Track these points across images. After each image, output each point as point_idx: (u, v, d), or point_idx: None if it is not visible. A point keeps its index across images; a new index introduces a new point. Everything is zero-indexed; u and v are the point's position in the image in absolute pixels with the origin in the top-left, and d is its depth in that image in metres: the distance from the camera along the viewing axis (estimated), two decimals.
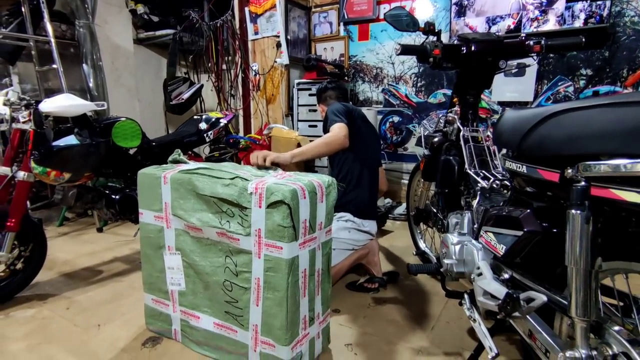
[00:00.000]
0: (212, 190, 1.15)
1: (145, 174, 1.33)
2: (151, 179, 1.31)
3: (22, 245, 1.67)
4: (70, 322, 1.53)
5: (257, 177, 1.15)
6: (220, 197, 1.14)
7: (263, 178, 1.14)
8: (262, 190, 1.07)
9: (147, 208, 1.34)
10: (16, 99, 1.65)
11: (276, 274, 1.09)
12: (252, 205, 1.08)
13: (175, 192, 1.25)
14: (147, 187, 1.32)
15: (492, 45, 1.42)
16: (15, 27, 2.65)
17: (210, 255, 1.23)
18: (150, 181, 1.31)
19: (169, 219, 1.30)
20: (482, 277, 1.08)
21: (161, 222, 1.32)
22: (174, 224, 1.29)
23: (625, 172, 0.59)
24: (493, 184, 1.25)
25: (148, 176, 1.32)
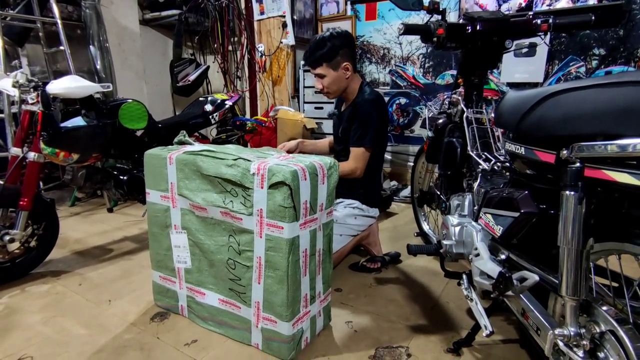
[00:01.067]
0: (216, 170, 1.18)
1: (151, 154, 1.36)
2: (157, 160, 1.34)
3: (35, 224, 1.73)
4: (83, 297, 1.60)
5: (260, 158, 1.17)
6: (224, 177, 1.16)
7: (265, 159, 1.16)
8: (264, 171, 1.09)
9: (153, 188, 1.38)
10: (24, 81, 1.67)
11: (277, 253, 1.11)
12: (255, 185, 1.10)
13: (180, 172, 1.28)
14: (153, 168, 1.35)
15: (497, 24, 1.39)
16: (22, 8, 2.66)
17: (215, 234, 1.27)
18: (156, 162, 1.34)
19: (174, 199, 1.33)
20: (479, 257, 1.09)
21: (167, 201, 1.35)
22: (179, 203, 1.32)
23: (617, 152, 0.59)
24: (494, 166, 1.25)
25: (154, 157, 1.35)
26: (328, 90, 1.71)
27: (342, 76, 1.69)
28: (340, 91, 1.74)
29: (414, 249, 1.35)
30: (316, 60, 1.65)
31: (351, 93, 1.76)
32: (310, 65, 1.69)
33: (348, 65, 1.68)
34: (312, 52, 1.65)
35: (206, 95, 2.51)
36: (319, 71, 1.67)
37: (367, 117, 1.65)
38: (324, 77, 1.67)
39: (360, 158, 1.66)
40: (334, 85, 1.70)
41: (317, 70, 1.67)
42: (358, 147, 1.66)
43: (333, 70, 1.67)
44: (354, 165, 1.66)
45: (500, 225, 1.01)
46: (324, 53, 1.63)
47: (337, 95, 1.77)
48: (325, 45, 1.62)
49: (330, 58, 1.64)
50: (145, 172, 1.38)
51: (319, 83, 1.70)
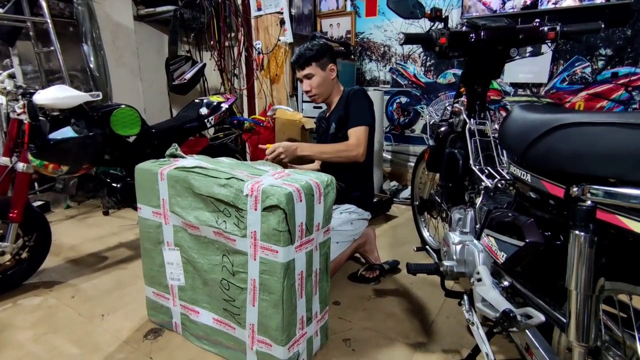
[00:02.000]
0: (209, 190, 1.13)
1: (142, 169, 1.31)
2: (148, 175, 1.29)
3: (26, 235, 1.69)
4: (76, 311, 1.57)
5: (254, 176, 1.12)
6: (216, 197, 1.12)
7: (260, 178, 1.11)
8: (258, 192, 1.04)
9: (145, 203, 1.33)
10: (12, 88, 1.62)
11: (271, 277, 1.08)
12: (248, 207, 1.06)
13: (172, 189, 1.24)
14: (144, 183, 1.31)
15: (503, 32, 1.33)
16: (12, 6, 2.58)
17: (208, 253, 1.23)
18: (147, 177, 1.29)
19: (167, 215, 1.29)
20: (481, 283, 1.05)
21: (159, 218, 1.31)
22: (172, 220, 1.28)
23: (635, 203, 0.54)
24: (498, 184, 1.20)
25: (145, 172, 1.30)
26: (316, 91, 1.74)
27: (329, 77, 1.74)
28: (327, 94, 1.78)
29: (413, 268, 1.31)
30: (305, 60, 1.70)
31: (335, 96, 1.80)
32: (300, 65, 1.72)
33: (333, 67, 1.76)
34: (301, 54, 1.72)
35: (202, 97, 2.45)
36: (308, 70, 1.70)
37: (361, 100, 1.69)
38: (312, 77, 1.71)
39: (362, 136, 1.62)
40: (321, 87, 1.73)
41: (306, 69, 1.71)
42: (357, 126, 1.64)
43: (321, 69, 1.72)
44: (357, 141, 1.61)
45: (504, 252, 0.97)
46: (313, 53, 1.70)
47: (324, 98, 1.79)
48: (313, 48, 1.71)
49: (318, 58, 1.71)
50: (137, 187, 1.33)
51: (307, 85, 1.73)
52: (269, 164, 1.36)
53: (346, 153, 1.59)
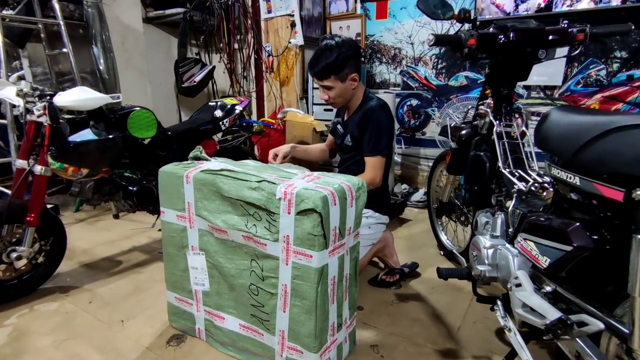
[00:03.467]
0: (238, 193, 1.11)
1: (167, 172, 1.29)
2: (172, 178, 1.27)
3: (43, 239, 1.66)
4: (94, 317, 1.54)
5: (283, 179, 1.10)
6: (247, 200, 1.10)
7: (291, 181, 1.09)
8: (292, 196, 1.02)
9: (169, 207, 1.31)
10: (29, 90, 1.59)
11: (305, 282, 1.05)
12: (281, 211, 1.04)
13: (198, 192, 1.21)
14: (168, 186, 1.29)
15: (532, 34, 1.32)
16: (23, 8, 2.56)
17: (236, 258, 1.20)
18: (172, 180, 1.27)
19: (192, 219, 1.26)
20: (521, 288, 1.03)
21: (184, 221, 1.28)
22: (197, 224, 1.26)
23: None
24: (531, 187, 1.18)
25: (169, 175, 1.28)
26: (334, 101, 1.66)
27: (349, 87, 1.63)
28: (346, 102, 1.69)
29: (444, 272, 1.29)
30: (324, 72, 1.57)
31: (355, 101, 1.71)
32: (317, 77, 1.60)
33: (356, 76, 1.62)
34: (319, 63, 1.56)
35: (215, 99, 2.43)
36: (326, 83, 1.60)
37: (379, 124, 1.62)
38: (331, 88, 1.60)
39: (378, 166, 1.62)
40: (340, 98, 1.65)
41: (325, 82, 1.60)
42: (374, 155, 1.61)
43: (341, 82, 1.59)
44: (373, 174, 1.61)
45: (547, 256, 0.95)
46: (332, 65, 1.54)
47: (342, 105, 1.72)
48: (331, 55, 1.54)
49: (339, 70, 1.56)
50: (160, 190, 1.31)
51: (325, 94, 1.64)
52: (295, 166, 1.34)
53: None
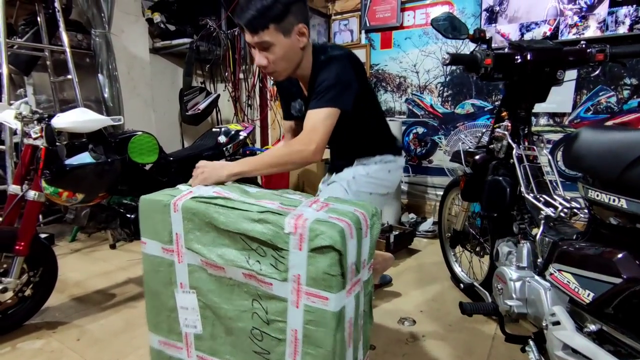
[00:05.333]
0: (237, 225, 0.95)
1: (149, 200, 1.10)
2: (157, 206, 1.08)
3: (32, 270, 1.55)
4: (81, 356, 1.40)
5: (290, 209, 0.98)
6: (248, 234, 0.95)
7: (298, 210, 0.98)
8: (304, 229, 0.89)
9: (152, 238, 1.08)
10: (28, 113, 1.54)
11: (319, 328, 0.92)
12: (291, 247, 0.91)
13: (189, 222, 1.02)
14: (150, 214, 1.07)
15: (550, 54, 1.27)
16: (30, 36, 2.58)
17: (234, 298, 1.04)
18: (156, 208, 1.06)
19: (180, 253, 1.05)
20: (559, 327, 0.91)
21: (171, 255, 1.07)
22: (186, 258, 1.05)
23: None
24: (561, 213, 1.09)
25: (153, 202, 1.09)
26: (275, 68, 1.13)
27: (296, 45, 1.13)
28: (292, 69, 1.17)
29: (468, 308, 1.17)
30: (258, 21, 1.06)
31: (306, 66, 1.21)
32: (250, 28, 1.07)
33: (304, 29, 1.13)
34: (250, 7, 1.06)
35: (219, 126, 2.38)
36: (264, 38, 1.07)
37: (329, 72, 1.12)
38: (271, 46, 1.09)
39: (318, 124, 1.08)
40: (283, 61, 1.12)
41: (262, 36, 1.07)
42: (316, 107, 1.10)
43: (284, 35, 1.09)
44: (307, 137, 1.08)
45: (590, 290, 0.84)
46: (270, 9, 1.05)
47: (286, 75, 1.18)
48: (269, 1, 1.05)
49: (280, 17, 1.07)
50: (141, 219, 1.10)
51: (262, 57, 1.11)
52: (298, 192, 1.19)
53: (296, 156, 1.08)
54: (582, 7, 2.39)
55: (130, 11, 3.14)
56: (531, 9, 2.55)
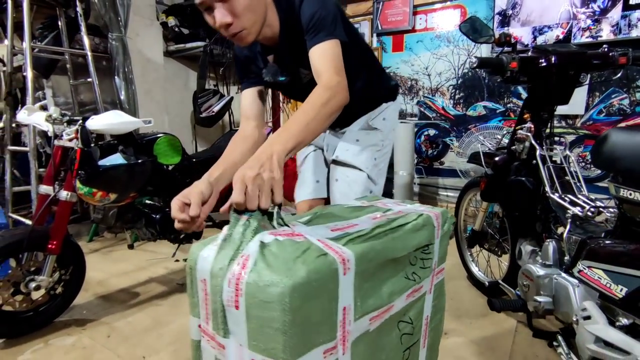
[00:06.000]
0: (406, 244, 0.80)
1: (310, 276, 0.58)
2: (323, 279, 0.60)
3: (62, 268, 1.59)
4: (114, 352, 1.44)
5: (400, 205, 0.95)
6: (415, 248, 0.83)
7: (410, 205, 0.95)
8: (439, 216, 0.90)
9: (307, 349, 0.61)
10: (58, 115, 1.58)
11: (441, 296, 0.96)
12: (435, 237, 0.89)
13: (359, 278, 0.68)
14: (311, 304, 0.59)
15: (574, 57, 1.31)
16: (50, 40, 2.63)
17: (385, 340, 0.81)
18: (322, 285, 0.60)
19: (346, 338, 0.68)
20: (591, 321, 0.94)
21: (334, 354, 0.66)
22: (351, 338, 0.69)
23: None
24: (588, 212, 1.12)
25: (317, 276, 0.58)
26: (242, 23, 0.91)
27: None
28: (260, 24, 0.97)
29: (498, 305, 1.20)
30: None
31: (273, 22, 1.02)
32: None
33: None
34: None
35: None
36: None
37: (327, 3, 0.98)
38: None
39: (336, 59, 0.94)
40: (250, 12, 0.91)
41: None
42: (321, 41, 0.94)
43: None
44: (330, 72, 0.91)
45: (623, 285, 0.87)
46: None
47: (256, 32, 0.96)
48: None
49: None
50: (290, 326, 0.57)
51: (224, 12, 0.88)
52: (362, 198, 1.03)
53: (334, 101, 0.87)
54: (595, 10, 2.43)
55: (145, 15, 3.19)
56: (544, 12, 2.59)
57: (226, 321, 0.63)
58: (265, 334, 0.59)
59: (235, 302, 0.60)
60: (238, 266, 0.60)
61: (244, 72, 1.15)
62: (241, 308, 0.59)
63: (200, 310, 0.68)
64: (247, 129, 1.11)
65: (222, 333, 0.64)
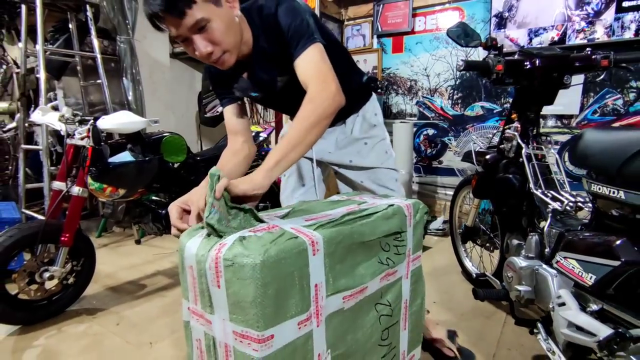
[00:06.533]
0: (375, 229, 0.88)
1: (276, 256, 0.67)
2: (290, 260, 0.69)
3: (74, 260, 1.69)
4: (123, 338, 1.53)
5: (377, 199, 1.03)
6: (386, 234, 0.90)
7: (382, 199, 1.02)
8: (410, 208, 0.98)
9: (280, 320, 0.69)
10: (70, 115, 1.68)
11: (419, 280, 1.04)
12: (407, 226, 0.97)
13: (330, 258, 0.77)
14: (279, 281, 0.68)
15: (558, 60, 1.37)
16: (62, 43, 2.74)
17: (364, 319, 0.89)
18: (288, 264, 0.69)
19: (320, 312, 0.77)
20: (565, 307, 1.01)
21: (307, 326, 0.75)
22: (325, 312, 0.78)
23: None
24: (567, 206, 1.19)
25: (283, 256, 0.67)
26: (224, 46, 0.93)
27: (231, 14, 0.95)
28: (239, 44, 0.98)
29: (482, 294, 1.27)
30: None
31: (247, 39, 1.02)
32: (173, 10, 0.85)
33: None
34: None
35: None
36: (196, 15, 0.86)
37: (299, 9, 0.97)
38: (208, 23, 0.88)
39: (321, 65, 0.94)
40: (229, 36, 0.93)
41: (192, 14, 0.86)
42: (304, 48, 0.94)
43: (215, 5, 0.90)
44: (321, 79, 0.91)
45: (592, 273, 0.94)
46: None
47: (236, 55, 0.97)
48: None
49: None
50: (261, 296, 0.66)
51: (204, 42, 0.90)
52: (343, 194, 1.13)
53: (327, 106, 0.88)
54: (589, 12, 2.48)
55: None
56: (539, 14, 2.64)
57: (211, 300, 0.72)
58: (241, 308, 0.67)
59: (217, 281, 0.69)
60: (214, 251, 0.69)
61: (221, 89, 1.16)
62: (222, 287, 0.69)
63: (189, 293, 0.77)
64: (236, 145, 1.14)
65: (209, 310, 0.74)
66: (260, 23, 1.02)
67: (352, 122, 1.30)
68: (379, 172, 1.30)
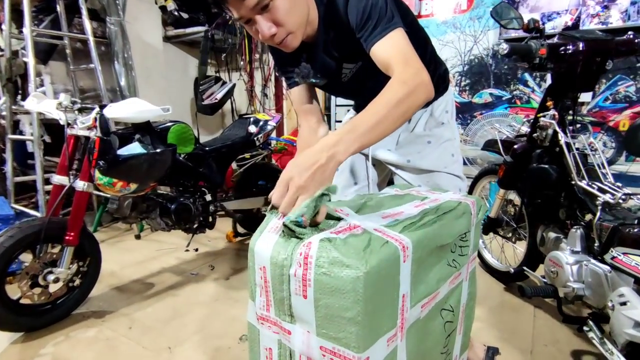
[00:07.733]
0: (452, 231, 0.80)
1: (378, 266, 0.57)
2: (388, 269, 0.60)
3: (80, 260, 1.56)
4: (138, 344, 1.43)
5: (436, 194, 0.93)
6: (458, 235, 0.83)
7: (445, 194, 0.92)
8: (475, 204, 0.89)
9: (375, 339, 0.61)
10: (69, 103, 1.53)
11: (473, 283, 0.96)
12: (471, 225, 0.88)
13: (415, 264, 0.68)
14: (378, 294, 0.59)
15: (602, 44, 1.30)
16: (48, 24, 2.53)
17: (431, 327, 0.80)
18: (387, 273, 0.61)
19: (404, 324, 0.68)
20: (628, 306, 0.96)
21: (395, 341, 0.66)
22: (406, 325, 0.69)
23: None
24: (620, 199, 1.13)
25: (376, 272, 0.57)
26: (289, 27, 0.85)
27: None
28: (305, 24, 0.90)
29: (529, 291, 1.21)
30: None
31: (313, 19, 0.94)
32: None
33: None
34: None
35: (248, 115, 2.38)
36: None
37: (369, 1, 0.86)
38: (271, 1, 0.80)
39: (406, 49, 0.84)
40: (294, 15, 0.85)
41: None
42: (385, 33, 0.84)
43: None
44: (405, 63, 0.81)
45: None
46: None
47: (302, 33, 0.90)
48: None
49: None
50: (363, 313, 0.57)
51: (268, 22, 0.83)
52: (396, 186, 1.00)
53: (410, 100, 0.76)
54: None
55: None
56: None
57: (292, 309, 0.63)
58: (335, 323, 0.59)
59: (304, 290, 0.60)
60: (299, 255, 0.60)
61: (284, 71, 1.10)
62: (309, 297, 0.60)
63: (257, 295, 0.68)
64: (311, 124, 1.12)
65: (288, 320, 0.65)
66: (327, 1, 0.92)
67: (418, 117, 1.13)
68: (440, 177, 1.10)
